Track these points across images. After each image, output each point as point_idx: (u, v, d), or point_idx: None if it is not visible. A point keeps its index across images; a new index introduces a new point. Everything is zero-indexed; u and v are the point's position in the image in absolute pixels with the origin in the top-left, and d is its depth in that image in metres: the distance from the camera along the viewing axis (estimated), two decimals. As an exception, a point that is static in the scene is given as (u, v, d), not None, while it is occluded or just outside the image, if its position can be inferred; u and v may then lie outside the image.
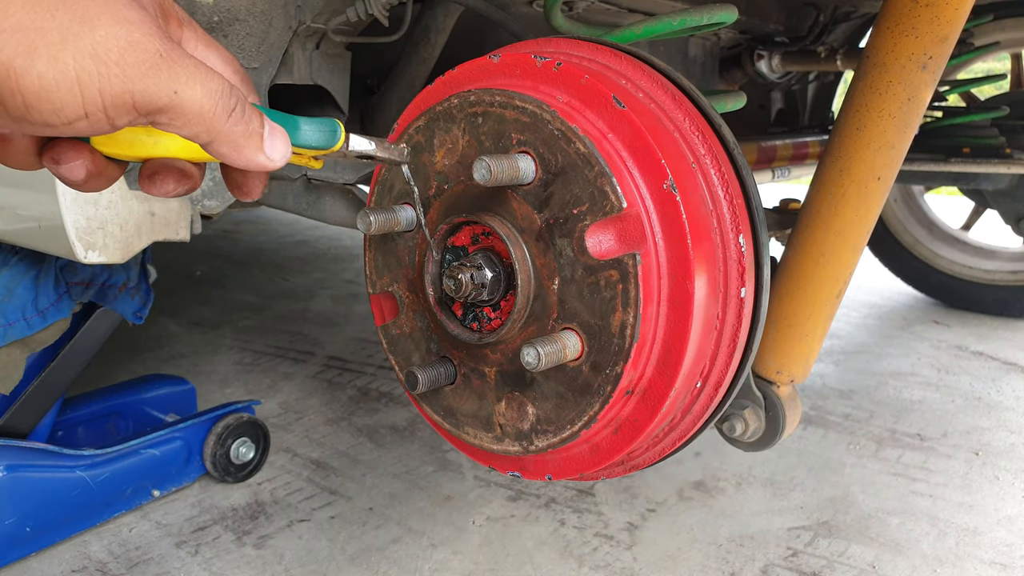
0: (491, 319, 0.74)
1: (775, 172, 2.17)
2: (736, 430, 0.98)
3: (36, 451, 1.47)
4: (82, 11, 0.42)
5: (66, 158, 0.48)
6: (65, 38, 0.41)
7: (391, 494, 1.71)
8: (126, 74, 0.43)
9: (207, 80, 0.46)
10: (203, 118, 0.46)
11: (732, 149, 0.73)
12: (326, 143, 0.55)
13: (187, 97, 0.45)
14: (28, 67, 0.40)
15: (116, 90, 0.42)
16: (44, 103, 0.41)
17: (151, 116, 0.45)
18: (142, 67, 0.43)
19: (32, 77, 0.40)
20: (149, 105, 0.44)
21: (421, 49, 1.40)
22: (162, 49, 0.44)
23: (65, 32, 0.41)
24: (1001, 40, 2.64)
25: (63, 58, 0.41)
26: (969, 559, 1.49)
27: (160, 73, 0.44)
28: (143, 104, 0.44)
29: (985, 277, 2.98)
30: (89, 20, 0.42)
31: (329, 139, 0.56)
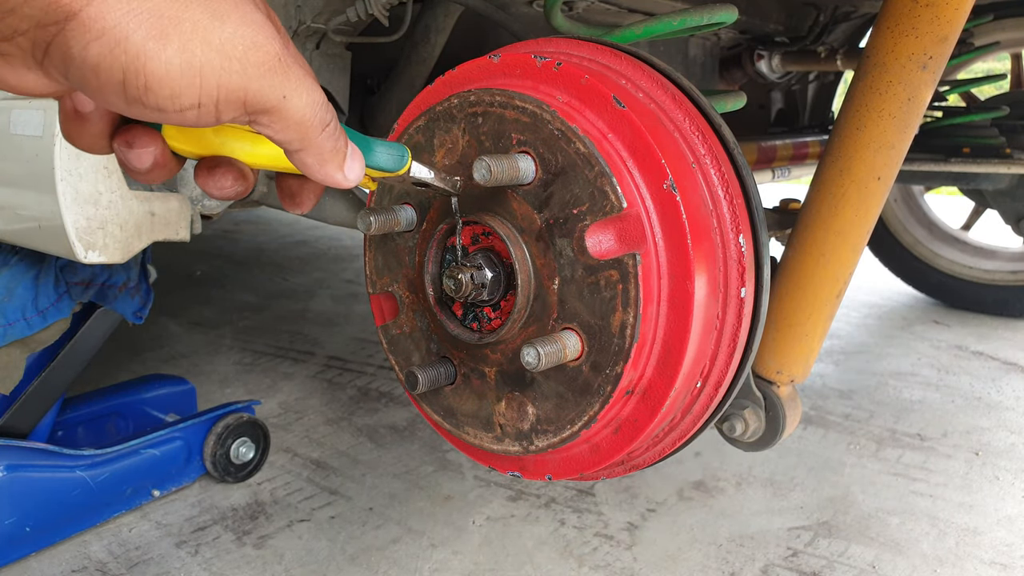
0: (491, 319, 0.73)
1: (775, 172, 2.17)
2: (736, 430, 0.98)
3: (36, 451, 1.47)
4: (214, 7, 0.44)
5: (140, 143, 0.49)
6: (196, 29, 0.42)
7: (391, 494, 1.71)
8: (246, 72, 0.44)
9: (312, 90, 0.48)
10: (301, 127, 0.48)
11: (732, 149, 0.73)
12: (394, 166, 0.58)
13: (293, 104, 0.47)
14: (159, 51, 0.41)
15: (233, 85, 0.44)
16: (164, 88, 0.42)
17: (255, 116, 0.46)
18: (261, 68, 0.45)
19: (160, 62, 0.41)
20: (258, 105, 0.45)
21: (421, 49, 1.40)
22: (281, 54, 0.46)
23: (197, 24, 0.43)
24: (1001, 40, 2.64)
25: (192, 48, 0.42)
26: (969, 559, 1.49)
27: (276, 76, 0.46)
28: (253, 103, 0.45)
29: (985, 277, 2.98)
30: (220, 16, 0.44)
31: (397, 163, 0.58)
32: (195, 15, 0.43)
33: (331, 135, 0.50)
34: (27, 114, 1.08)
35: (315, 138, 0.49)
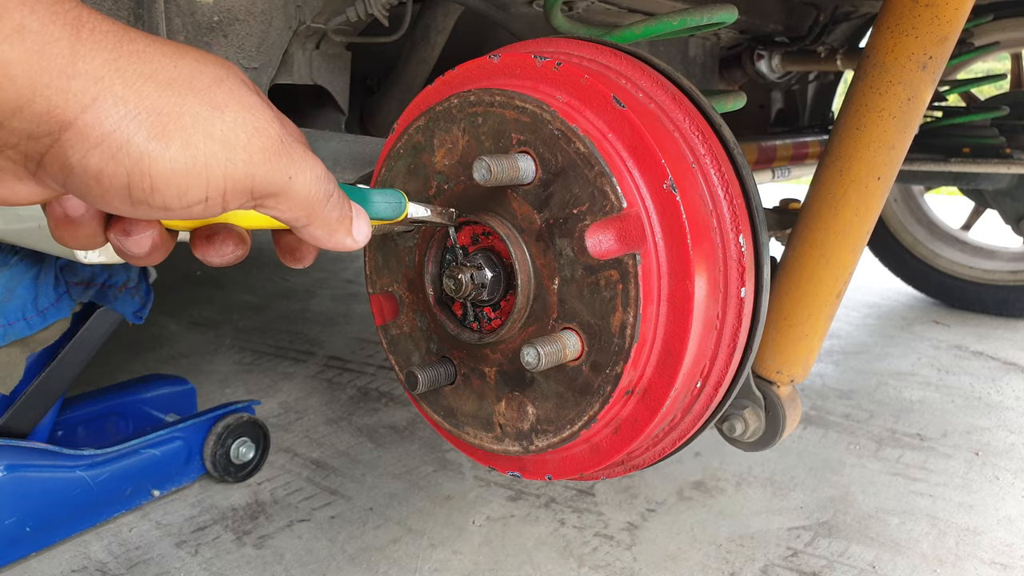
0: (491, 319, 0.73)
1: (775, 172, 2.17)
2: (736, 430, 0.98)
3: (36, 451, 1.47)
4: (210, 96, 0.43)
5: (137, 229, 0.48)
6: (197, 122, 0.41)
7: (391, 494, 1.71)
8: (251, 159, 0.43)
9: (315, 166, 0.48)
10: (307, 203, 0.47)
11: (732, 149, 0.73)
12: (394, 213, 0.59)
13: (298, 183, 0.46)
14: (162, 151, 0.40)
15: (239, 175, 0.43)
16: (171, 187, 0.41)
17: (262, 200, 0.45)
18: (266, 153, 0.44)
19: (165, 161, 0.40)
20: (265, 190, 0.45)
21: (421, 49, 1.40)
22: (282, 135, 0.46)
23: (197, 116, 0.41)
24: (1001, 40, 2.64)
25: (195, 142, 0.41)
26: (969, 559, 1.49)
27: (281, 159, 0.45)
28: (260, 189, 0.44)
29: (985, 277, 2.98)
30: (219, 106, 0.43)
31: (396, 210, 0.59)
32: (194, 108, 0.42)
33: (336, 204, 0.50)
34: (27, 114, 1.08)
35: (321, 211, 0.48)
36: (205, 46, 1.15)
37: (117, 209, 0.42)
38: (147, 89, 0.40)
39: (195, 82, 0.42)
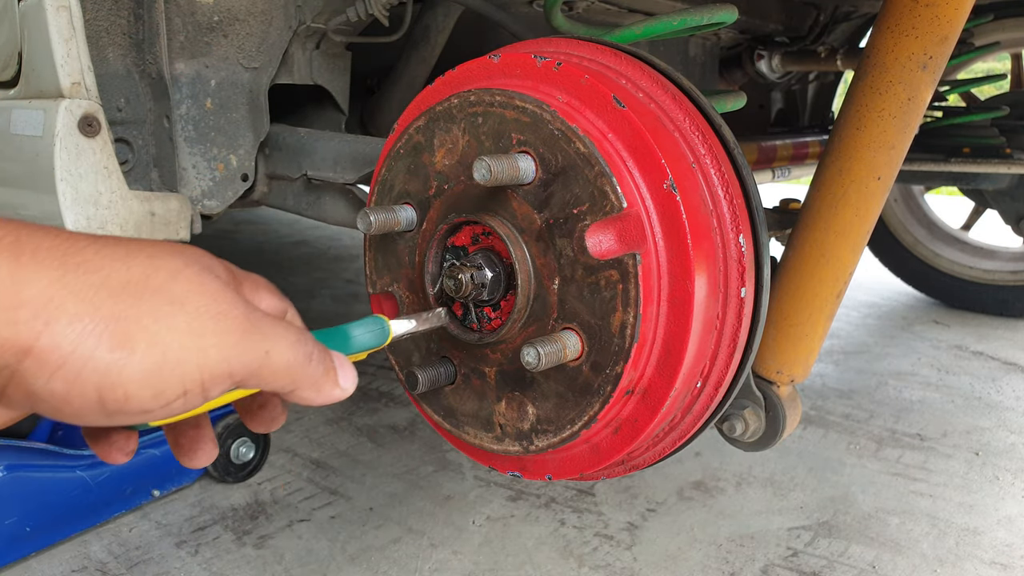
0: (491, 319, 0.73)
1: (775, 172, 2.16)
2: (736, 430, 0.98)
3: (36, 451, 1.47)
4: (168, 291, 0.42)
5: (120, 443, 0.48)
6: (158, 320, 0.40)
7: (391, 494, 1.71)
8: (222, 343, 0.43)
9: (287, 333, 0.47)
10: (290, 371, 0.47)
11: (732, 149, 0.73)
12: (377, 341, 0.58)
13: (276, 355, 0.45)
14: (128, 358, 0.39)
15: (213, 362, 0.42)
16: (145, 390, 0.40)
17: (243, 381, 0.45)
18: (235, 335, 0.43)
19: (133, 367, 0.39)
20: (244, 371, 0.44)
21: (421, 49, 1.40)
22: (247, 313, 0.45)
23: (156, 314, 0.41)
24: (1001, 40, 2.64)
25: (160, 339, 0.40)
26: (969, 559, 1.49)
27: (253, 337, 0.44)
28: (239, 371, 0.44)
29: (985, 277, 2.97)
30: (177, 299, 0.42)
31: (380, 337, 0.58)
32: (153, 306, 0.41)
33: (318, 362, 0.49)
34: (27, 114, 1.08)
35: (305, 374, 0.48)
36: (205, 46, 1.15)
37: (93, 422, 0.41)
38: (100, 299, 0.39)
39: (150, 280, 0.41)
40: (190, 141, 1.17)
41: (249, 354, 0.44)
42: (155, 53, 1.11)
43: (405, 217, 0.76)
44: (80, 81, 0.99)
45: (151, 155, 1.17)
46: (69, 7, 0.97)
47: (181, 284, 0.43)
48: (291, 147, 1.25)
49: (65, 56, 0.97)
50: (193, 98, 1.16)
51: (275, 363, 0.45)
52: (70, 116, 0.98)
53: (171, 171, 1.17)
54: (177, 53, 1.13)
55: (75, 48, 0.98)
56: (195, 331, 0.42)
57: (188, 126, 1.16)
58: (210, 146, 1.19)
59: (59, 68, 0.97)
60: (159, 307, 0.41)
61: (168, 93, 1.13)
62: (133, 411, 0.41)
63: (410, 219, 0.77)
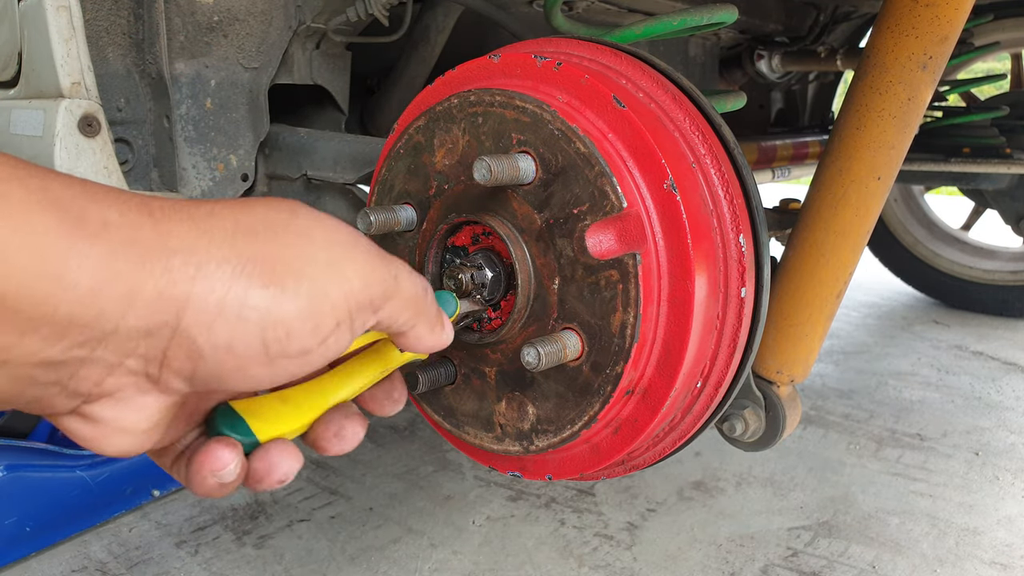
0: (491, 319, 0.73)
1: (775, 172, 2.17)
2: (736, 430, 0.98)
3: (36, 451, 1.47)
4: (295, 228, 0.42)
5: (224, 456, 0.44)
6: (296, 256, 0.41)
7: (391, 494, 1.71)
8: (360, 272, 0.43)
9: (404, 263, 0.48)
10: (415, 299, 0.48)
11: (732, 149, 0.73)
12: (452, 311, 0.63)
13: (403, 282, 0.46)
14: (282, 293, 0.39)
15: (357, 289, 0.43)
16: (305, 323, 0.40)
17: (381, 307, 0.45)
18: (367, 261, 0.44)
19: (288, 302, 0.39)
20: (381, 296, 0.45)
21: (421, 49, 1.40)
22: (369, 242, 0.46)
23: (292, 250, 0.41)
24: (1001, 40, 2.64)
25: (306, 274, 0.41)
26: (969, 559, 1.49)
27: (383, 262, 0.45)
28: (377, 297, 0.44)
29: (985, 277, 2.98)
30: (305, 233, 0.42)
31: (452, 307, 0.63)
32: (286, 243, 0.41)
33: (432, 299, 0.50)
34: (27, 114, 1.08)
35: (424, 306, 0.49)
36: (205, 46, 1.15)
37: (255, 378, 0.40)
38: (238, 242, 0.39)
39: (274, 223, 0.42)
40: (190, 141, 1.17)
41: (384, 279, 0.45)
42: (155, 53, 1.11)
43: (405, 217, 0.76)
44: (80, 81, 0.99)
45: (151, 155, 1.17)
46: (69, 7, 0.97)
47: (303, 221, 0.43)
48: (291, 147, 1.25)
49: (65, 56, 0.97)
50: (193, 98, 1.16)
51: (403, 289, 0.46)
52: (70, 116, 0.98)
53: (171, 171, 1.17)
54: (177, 53, 1.13)
55: (75, 48, 0.98)
56: (332, 262, 0.42)
57: (188, 126, 1.16)
58: (210, 146, 1.19)
59: (59, 68, 0.97)
60: (293, 243, 0.41)
61: (168, 93, 1.13)
62: (294, 352, 0.40)
63: (410, 219, 0.77)
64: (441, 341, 0.52)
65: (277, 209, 0.43)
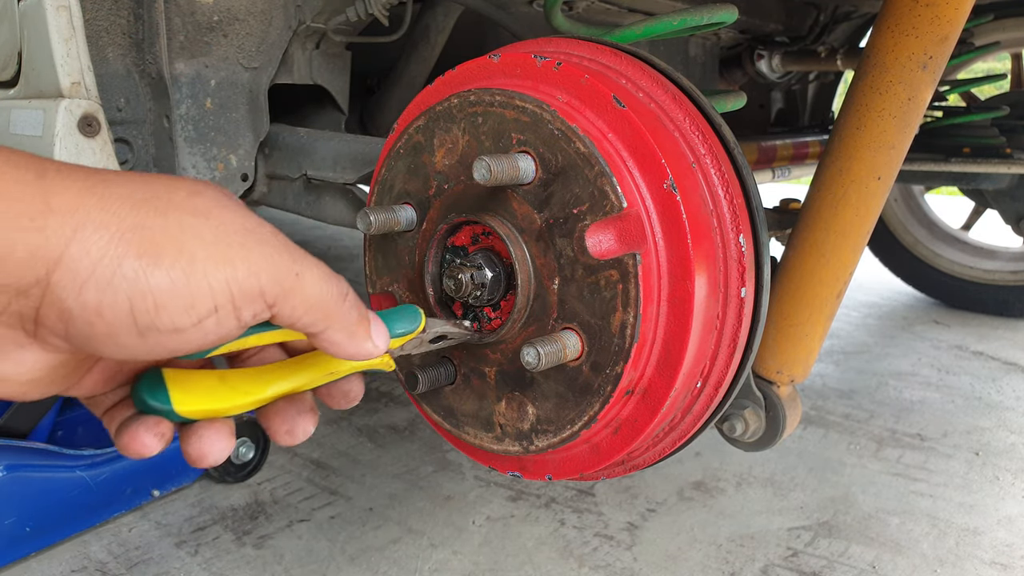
0: (491, 319, 0.73)
1: (775, 172, 2.16)
2: (736, 430, 0.98)
3: (36, 451, 1.47)
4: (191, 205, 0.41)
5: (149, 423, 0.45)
6: (183, 230, 0.40)
7: (391, 494, 1.71)
8: (251, 258, 0.42)
9: (319, 264, 0.46)
10: (322, 302, 0.45)
11: (732, 149, 0.73)
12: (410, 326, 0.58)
13: (308, 279, 0.44)
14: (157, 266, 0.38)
15: (243, 276, 0.41)
16: (176, 300, 0.39)
17: (274, 304, 0.43)
18: (264, 250, 0.42)
19: (162, 274, 0.39)
20: (275, 290, 0.43)
21: (421, 49, 1.40)
22: (275, 233, 0.44)
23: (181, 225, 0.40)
24: (1001, 40, 2.64)
25: (188, 250, 0.39)
26: (969, 559, 1.48)
27: (282, 256, 0.43)
28: (270, 290, 0.42)
29: (986, 277, 2.97)
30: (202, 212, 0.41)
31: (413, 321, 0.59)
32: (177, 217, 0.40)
33: (353, 304, 0.48)
34: (27, 114, 1.08)
35: (338, 310, 0.46)
36: (205, 46, 1.15)
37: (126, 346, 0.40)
38: (124, 210, 0.39)
39: (172, 196, 0.41)
40: (190, 141, 1.17)
41: (279, 272, 0.43)
42: (155, 53, 1.11)
43: (405, 217, 0.76)
44: (80, 81, 0.99)
45: (151, 155, 1.17)
46: (69, 7, 0.97)
47: (204, 200, 0.42)
48: (291, 147, 1.25)
49: (65, 56, 0.97)
50: (193, 98, 1.16)
51: (307, 289, 0.44)
52: (70, 116, 0.98)
53: (171, 171, 1.17)
54: (177, 53, 1.13)
55: (75, 48, 0.98)
56: (222, 243, 0.41)
57: (188, 126, 1.16)
58: (210, 146, 1.19)
59: (59, 68, 0.97)
60: (183, 218, 0.40)
61: (168, 93, 1.13)
62: (165, 327, 0.40)
63: (410, 219, 0.77)
64: (363, 351, 0.49)
65: (179, 187, 0.42)
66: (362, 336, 0.49)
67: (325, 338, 0.47)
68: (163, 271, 0.39)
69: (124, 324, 0.39)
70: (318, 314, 0.46)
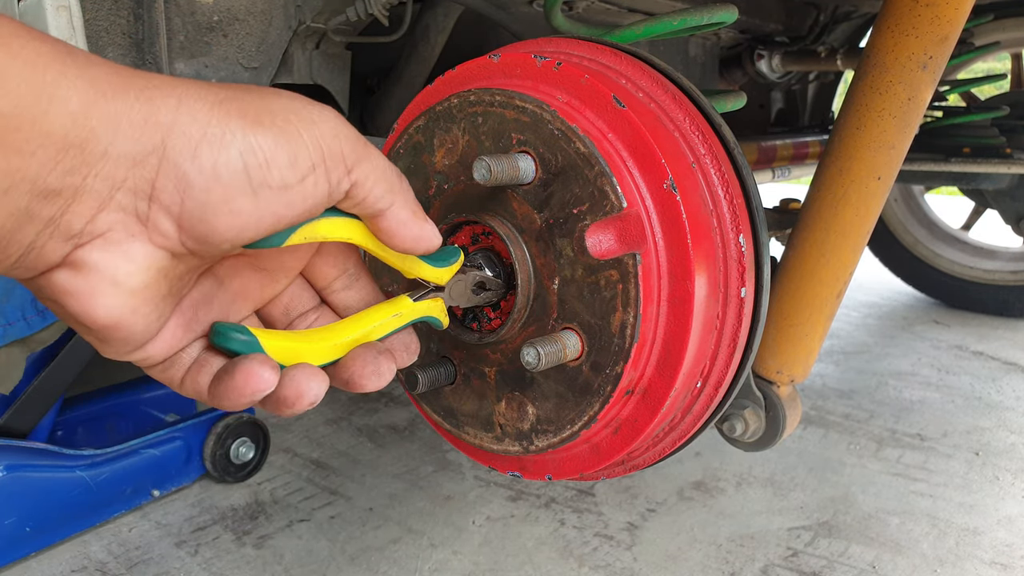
0: (491, 319, 0.73)
1: (775, 172, 2.17)
2: (736, 430, 0.98)
3: (36, 451, 1.47)
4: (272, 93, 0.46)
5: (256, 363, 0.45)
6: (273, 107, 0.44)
7: (391, 494, 1.71)
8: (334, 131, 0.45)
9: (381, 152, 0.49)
10: (388, 175, 0.49)
11: (732, 149, 0.73)
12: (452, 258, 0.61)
13: (374, 152, 0.48)
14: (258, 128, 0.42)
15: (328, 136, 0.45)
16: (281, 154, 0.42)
17: (352, 169, 0.46)
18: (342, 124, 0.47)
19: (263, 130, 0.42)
20: (352, 153, 0.46)
21: (421, 49, 1.40)
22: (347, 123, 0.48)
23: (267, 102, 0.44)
24: (1001, 40, 2.64)
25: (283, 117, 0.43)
26: (969, 559, 1.48)
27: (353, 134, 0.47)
28: (348, 152, 0.46)
29: (985, 277, 2.98)
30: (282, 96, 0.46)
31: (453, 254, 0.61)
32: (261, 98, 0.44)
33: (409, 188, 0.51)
34: (27, 114, 1.08)
35: (402, 186, 0.50)
36: (205, 46, 1.15)
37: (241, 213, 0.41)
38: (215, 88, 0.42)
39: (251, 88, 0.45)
40: (190, 141, 1.17)
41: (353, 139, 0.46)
42: (155, 53, 1.11)
43: (405, 217, 0.76)
44: (80, 81, 0.99)
45: (151, 155, 1.17)
46: (69, 7, 0.97)
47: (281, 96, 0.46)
48: (291, 147, 1.25)
49: (65, 56, 0.97)
50: (193, 98, 1.16)
51: (374, 157, 0.47)
52: (70, 116, 0.98)
53: (171, 171, 1.17)
54: (177, 53, 1.13)
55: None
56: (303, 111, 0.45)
57: (188, 126, 1.16)
58: (210, 146, 1.19)
59: (59, 68, 0.97)
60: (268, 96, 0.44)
61: (168, 93, 1.13)
62: (275, 182, 0.42)
63: (410, 219, 0.76)
64: (426, 233, 0.52)
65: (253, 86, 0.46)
66: (422, 218, 0.51)
67: (392, 215, 0.49)
68: (264, 128, 0.42)
69: (238, 184, 0.41)
70: (386, 186, 0.48)
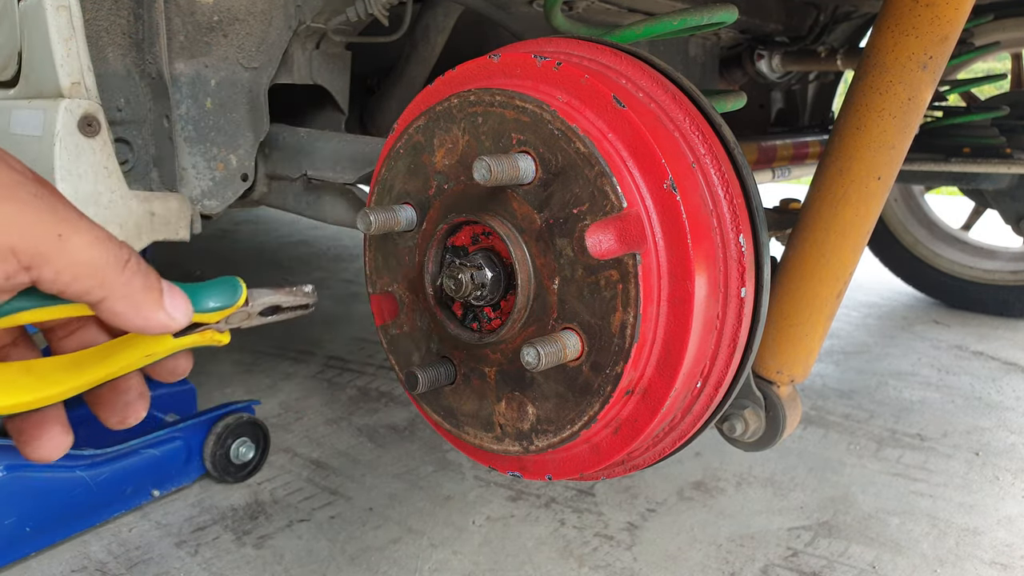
0: (491, 319, 0.73)
1: (775, 172, 2.16)
2: (736, 430, 0.98)
3: (36, 451, 1.47)
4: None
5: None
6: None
7: (391, 494, 1.71)
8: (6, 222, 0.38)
9: (92, 227, 0.41)
10: (95, 268, 0.41)
11: (732, 149, 0.73)
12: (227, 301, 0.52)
13: (74, 243, 0.40)
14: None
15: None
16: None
17: (31, 267, 0.39)
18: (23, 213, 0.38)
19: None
20: (31, 251, 0.38)
21: (421, 49, 1.40)
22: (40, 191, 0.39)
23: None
24: (1001, 40, 2.64)
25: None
26: (969, 559, 1.48)
27: (40, 214, 0.39)
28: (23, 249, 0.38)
29: (985, 277, 2.97)
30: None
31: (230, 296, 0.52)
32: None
33: (136, 271, 0.43)
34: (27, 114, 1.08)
35: (117, 278, 0.42)
36: (205, 46, 1.15)
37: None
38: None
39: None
40: (190, 141, 1.17)
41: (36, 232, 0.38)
42: (155, 53, 1.11)
43: (405, 217, 0.76)
44: (80, 81, 0.99)
45: (151, 155, 1.17)
46: (69, 7, 0.97)
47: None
48: (291, 147, 1.25)
49: (65, 56, 0.97)
50: (193, 98, 1.16)
51: (73, 253, 0.40)
52: (70, 116, 0.98)
53: (171, 171, 1.17)
54: (177, 53, 1.13)
55: (75, 48, 0.98)
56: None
57: (188, 126, 1.16)
58: (210, 146, 1.19)
59: (59, 68, 0.97)
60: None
61: (168, 93, 1.13)
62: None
63: (410, 219, 0.77)
64: (154, 323, 0.44)
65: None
66: (151, 307, 0.44)
67: (106, 308, 0.43)
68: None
69: None
70: (91, 281, 0.41)
